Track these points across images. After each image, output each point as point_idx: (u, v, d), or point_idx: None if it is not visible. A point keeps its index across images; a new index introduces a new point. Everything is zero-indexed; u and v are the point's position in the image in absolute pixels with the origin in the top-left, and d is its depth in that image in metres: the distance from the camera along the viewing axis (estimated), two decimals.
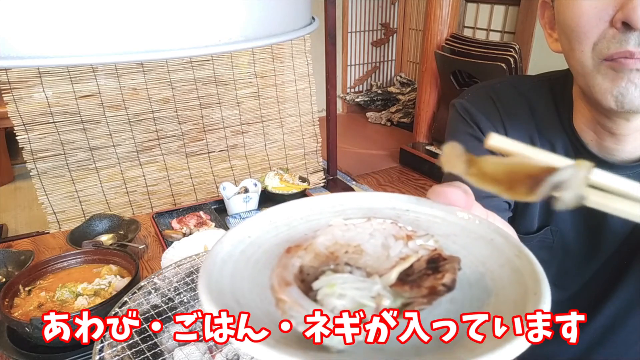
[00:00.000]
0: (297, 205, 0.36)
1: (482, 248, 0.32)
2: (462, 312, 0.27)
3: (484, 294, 0.29)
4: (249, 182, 1.43)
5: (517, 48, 2.85)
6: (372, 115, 4.54)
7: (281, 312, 0.26)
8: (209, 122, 2.32)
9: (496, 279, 0.29)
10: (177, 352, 0.62)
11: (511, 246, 0.31)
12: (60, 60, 0.34)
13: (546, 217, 0.76)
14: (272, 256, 0.31)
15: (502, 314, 0.26)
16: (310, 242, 0.31)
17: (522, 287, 0.27)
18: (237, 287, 0.29)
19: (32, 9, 0.33)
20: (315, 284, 0.29)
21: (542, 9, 0.67)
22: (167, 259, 1.02)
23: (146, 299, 0.71)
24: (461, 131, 0.78)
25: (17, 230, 2.68)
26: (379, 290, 0.28)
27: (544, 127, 0.73)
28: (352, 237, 0.33)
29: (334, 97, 2.68)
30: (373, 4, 4.56)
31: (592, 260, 0.77)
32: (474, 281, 0.30)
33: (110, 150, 2.10)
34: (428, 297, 0.27)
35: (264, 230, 0.34)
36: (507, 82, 0.80)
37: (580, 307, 0.81)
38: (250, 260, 0.31)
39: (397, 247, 0.31)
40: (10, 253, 1.07)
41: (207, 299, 0.26)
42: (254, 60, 2.35)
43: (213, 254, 0.30)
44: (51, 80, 1.91)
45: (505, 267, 0.30)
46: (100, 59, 0.36)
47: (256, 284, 0.29)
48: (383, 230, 0.33)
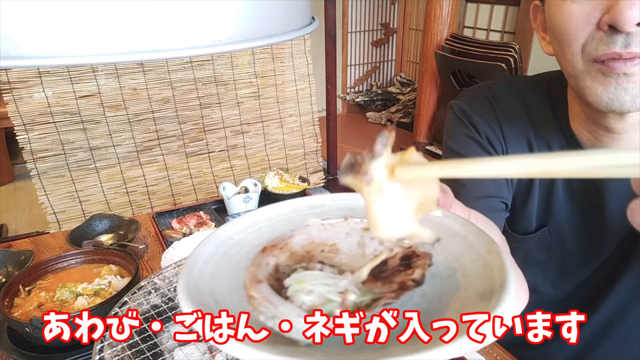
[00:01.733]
0: (279, 207, 0.36)
1: (456, 245, 0.33)
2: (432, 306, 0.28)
3: (454, 288, 0.30)
4: (249, 182, 1.42)
5: (517, 48, 2.85)
6: (372, 115, 4.54)
7: (252, 307, 0.27)
8: (209, 122, 2.32)
9: (467, 275, 0.30)
10: (177, 352, 0.62)
11: (483, 242, 0.32)
12: (60, 60, 0.34)
13: (544, 217, 0.77)
14: (252, 257, 0.32)
15: (469, 307, 0.27)
16: (287, 241, 0.32)
17: (490, 280, 0.28)
18: (217, 286, 0.29)
19: (32, 8, 0.33)
20: (286, 281, 0.29)
21: (534, 13, 0.68)
22: (167, 259, 1.02)
23: (146, 299, 0.71)
24: (458, 132, 0.79)
25: (17, 230, 2.68)
26: (346, 285, 0.29)
27: (540, 127, 0.74)
28: (328, 236, 0.33)
29: (334, 97, 2.68)
30: (373, 4, 4.56)
31: (590, 260, 0.78)
32: (445, 276, 0.31)
33: (110, 150, 2.10)
34: (397, 291, 0.28)
35: (247, 232, 0.34)
36: (503, 83, 0.81)
37: (579, 305, 0.82)
38: (231, 261, 0.32)
39: (373, 245, 0.32)
40: (10, 253, 1.07)
41: (183, 298, 0.26)
42: (254, 60, 2.35)
43: (195, 255, 0.30)
44: (51, 80, 1.91)
45: (476, 262, 0.31)
46: (100, 59, 0.36)
47: (235, 284, 0.30)
48: (360, 229, 0.33)
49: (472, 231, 0.33)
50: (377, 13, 4.63)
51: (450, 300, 0.29)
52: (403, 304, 0.28)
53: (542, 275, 0.81)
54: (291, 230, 0.34)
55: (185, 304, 0.26)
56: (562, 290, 0.82)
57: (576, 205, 0.75)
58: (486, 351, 0.85)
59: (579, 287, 0.81)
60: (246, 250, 0.33)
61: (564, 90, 0.72)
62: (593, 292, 0.80)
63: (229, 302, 0.28)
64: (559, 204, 0.75)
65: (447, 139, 0.82)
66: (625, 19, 0.49)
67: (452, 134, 0.80)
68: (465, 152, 0.77)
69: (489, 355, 0.84)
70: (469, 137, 0.77)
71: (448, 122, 0.82)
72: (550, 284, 0.81)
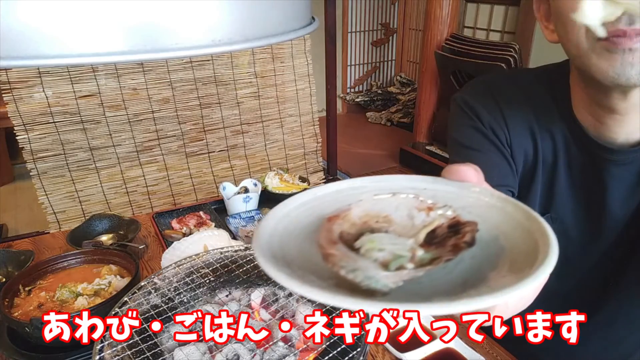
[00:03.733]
0: (324, 189, 0.40)
1: (494, 215, 0.36)
2: (482, 265, 0.32)
3: (499, 250, 0.33)
4: (249, 182, 1.42)
5: (517, 48, 2.85)
6: (372, 115, 4.54)
7: (331, 264, 0.31)
8: (209, 122, 2.31)
9: (509, 239, 0.34)
10: (177, 352, 0.62)
11: (521, 212, 0.35)
12: (60, 60, 0.34)
13: (547, 204, 0.79)
14: (309, 230, 0.36)
15: (517, 264, 0.30)
16: (346, 213, 0.36)
17: (532, 242, 0.32)
18: (286, 253, 0.33)
19: (32, 8, 0.33)
20: (357, 243, 0.34)
21: (538, 4, 0.70)
22: (167, 259, 1.02)
23: (146, 299, 0.71)
24: (463, 124, 0.81)
25: (17, 230, 2.68)
26: (412, 244, 0.33)
27: (542, 116, 0.76)
28: (381, 209, 0.37)
29: (334, 97, 2.68)
30: (373, 4, 4.56)
31: (592, 248, 0.79)
32: (490, 241, 0.34)
33: (110, 150, 2.10)
34: (453, 251, 0.32)
35: (299, 210, 0.38)
36: (505, 76, 0.84)
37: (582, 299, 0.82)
38: (292, 233, 0.36)
39: (420, 217, 0.36)
40: (10, 253, 1.07)
41: (265, 263, 0.30)
42: (254, 60, 2.35)
43: (262, 227, 0.34)
44: (51, 80, 1.90)
45: (517, 229, 0.34)
46: (100, 59, 0.36)
47: (300, 251, 0.34)
48: (407, 204, 0.38)
49: (509, 203, 0.36)
50: (377, 13, 4.63)
51: (498, 261, 0.32)
52: (455, 266, 0.32)
53: None
54: (348, 204, 0.38)
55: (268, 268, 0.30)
56: (565, 284, 0.83)
57: (577, 191, 0.76)
58: (486, 351, 0.85)
59: (582, 280, 0.82)
60: (303, 225, 0.37)
61: (564, 78, 0.74)
62: (596, 286, 0.81)
63: (300, 264, 0.32)
64: (560, 189, 0.77)
65: (452, 132, 0.84)
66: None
67: (457, 126, 0.82)
68: (470, 144, 0.79)
69: (489, 355, 0.84)
70: (473, 128, 0.79)
71: (452, 115, 0.84)
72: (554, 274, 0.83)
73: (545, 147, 0.76)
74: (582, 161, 0.74)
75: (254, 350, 0.63)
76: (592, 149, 0.72)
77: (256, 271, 0.79)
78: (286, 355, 0.61)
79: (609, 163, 0.71)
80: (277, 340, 0.64)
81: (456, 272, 0.32)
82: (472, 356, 0.82)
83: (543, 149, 0.76)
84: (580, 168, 0.74)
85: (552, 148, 0.76)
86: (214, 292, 0.76)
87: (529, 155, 0.77)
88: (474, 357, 0.82)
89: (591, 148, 0.72)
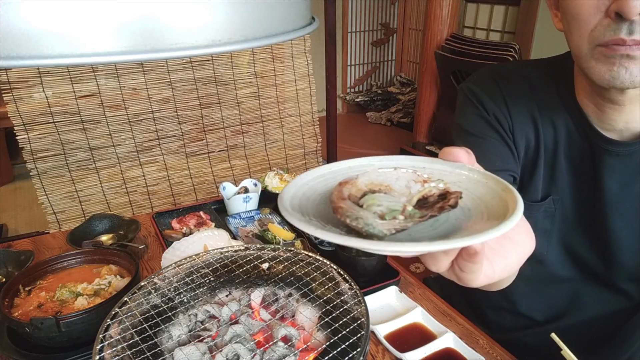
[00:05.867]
0: (338, 165, 0.49)
1: (479, 189, 0.43)
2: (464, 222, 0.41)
3: (479, 213, 0.41)
4: (249, 182, 1.42)
5: (517, 48, 2.85)
6: (372, 115, 4.54)
7: (339, 215, 0.38)
8: (209, 122, 2.32)
9: (488, 206, 0.41)
10: (177, 352, 0.62)
11: (500, 185, 0.42)
12: (60, 60, 0.34)
13: (549, 187, 0.83)
14: (324, 196, 0.45)
15: (492, 220, 0.38)
16: (354, 180, 0.45)
17: (505, 208, 0.39)
18: (305, 212, 0.41)
19: (32, 8, 0.33)
20: (361, 201, 0.42)
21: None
22: (167, 259, 1.02)
23: (146, 299, 0.71)
24: (469, 112, 0.85)
25: (17, 230, 2.68)
26: (404, 202, 0.42)
27: (544, 105, 0.80)
28: (383, 179, 0.46)
29: (334, 97, 2.68)
30: (373, 4, 4.56)
31: (587, 231, 0.82)
32: (472, 207, 0.42)
33: (110, 150, 2.10)
34: (438, 211, 0.39)
35: (316, 181, 0.47)
36: (510, 66, 0.89)
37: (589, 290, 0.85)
38: (310, 198, 0.44)
39: (416, 187, 0.44)
40: (10, 253, 1.07)
41: (289, 216, 0.38)
42: (254, 60, 2.35)
43: (284, 195, 0.42)
44: (51, 80, 1.90)
45: (494, 198, 0.41)
46: (100, 59, 0.36)
47: (317, 211, 0.43)
48: (406, 176, 0.46)
49: (491, 179, 0.43)
50: (377, 13, 4.63)
51: (476, 220, 0.40)
52: (441, 224, 0.41)
53: (546, 244, 0.86)
54: (356, 174, 0.46)
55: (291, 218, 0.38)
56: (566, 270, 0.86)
57: (576, 178, 0.80)
58: (486, 351, 0.85)
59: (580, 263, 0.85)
60: (319, 192, 0.45)
61: (568, 69, 0.78)
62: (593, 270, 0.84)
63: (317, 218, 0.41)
64: (561, 172, 0.81)
65: (457, 119, 0.88)
66: (630, 7, 0.56)
67: (463, 114, 0.87)
68: (474, 130, 0.84)
69: (489, 355, 0.84)
70: (478, 115, 0.83)
71: (458, 103, 0.89)
72: (554, 255, 0.87)
73: (547, 135, 0.80)
74: (582, 149, 0.78)
75: (254, 350, 0.63)
76: (591, 137, 0.76)
77: (256, 271, 0.79)
78: (286, 355, 0.61)
79: (606, 153, 0.75)
80: (277, 340, 0.64)
81: (441, 228, 0.41)
82: (472, 356, 0.82)
83: (545, 136, 0.80)
84: (579, 155, 0.78)
85: (553, 135, 0.79)
86: (214, 292, 0.76)
87: (530, 142, 0.81)
88: (474, 357, 0.82)
89: (591, 136, 0.76)
